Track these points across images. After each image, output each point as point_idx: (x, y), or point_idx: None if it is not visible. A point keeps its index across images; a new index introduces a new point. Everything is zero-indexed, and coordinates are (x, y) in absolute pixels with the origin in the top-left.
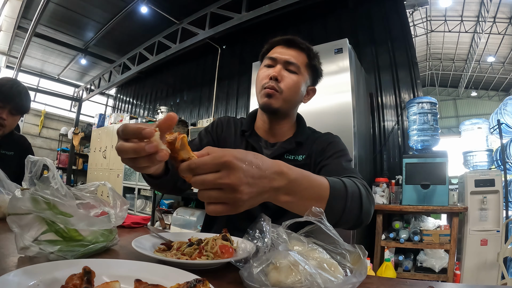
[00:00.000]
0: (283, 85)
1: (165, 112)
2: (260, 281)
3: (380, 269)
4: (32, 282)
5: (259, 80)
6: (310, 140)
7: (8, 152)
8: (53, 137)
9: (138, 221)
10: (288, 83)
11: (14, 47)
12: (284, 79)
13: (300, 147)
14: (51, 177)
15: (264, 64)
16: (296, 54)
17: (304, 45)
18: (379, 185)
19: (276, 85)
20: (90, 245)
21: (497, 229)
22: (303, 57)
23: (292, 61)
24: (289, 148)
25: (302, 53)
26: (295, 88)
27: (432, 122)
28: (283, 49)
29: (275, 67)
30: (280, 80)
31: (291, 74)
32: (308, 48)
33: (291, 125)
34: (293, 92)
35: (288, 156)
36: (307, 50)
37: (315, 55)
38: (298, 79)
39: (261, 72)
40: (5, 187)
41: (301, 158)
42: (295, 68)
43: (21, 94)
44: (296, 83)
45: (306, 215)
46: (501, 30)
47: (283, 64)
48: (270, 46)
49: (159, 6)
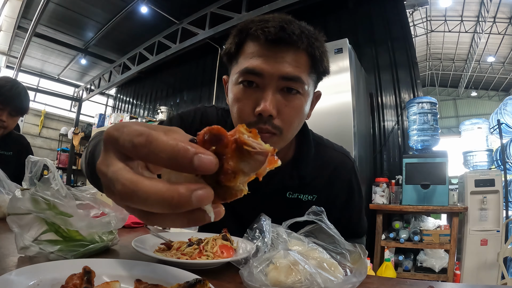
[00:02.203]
0: (283, 122)
1: (165, 112)
2: (260, 281)
3: (380, 269)
4: (32, 282)
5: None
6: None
7: (7, 152)
8: (53, 137)
9: (138, 221)
10: (289, 117)
11: (14, 47)
12: (283, 111)
13: (305, 180)
14: (52, 178)
15: (240, 80)
16: (293, 59)
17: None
18: (379, 185)
19: (271, 124)
20: (90, 245)
21: (497, 229)
22: (305, 61)
23: (292, 74)
24: (291, 184)
25: (303, 53)
26: (300, 118)
27: (432, 122)
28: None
29: (265, 91)
30: (277, 115)
31: (290, 97)
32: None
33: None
34: (297, 125)
35: (291, 195)
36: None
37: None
38: (302, 103)
39: (239, 96)
40: (5, 187)
41: (306, 198)
42: (297, 85)
43: (20, 95)
44: (300, 111)
45: (306, 214)
46: (501, 30)
47: (276, 83)
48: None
49: (159, 6)
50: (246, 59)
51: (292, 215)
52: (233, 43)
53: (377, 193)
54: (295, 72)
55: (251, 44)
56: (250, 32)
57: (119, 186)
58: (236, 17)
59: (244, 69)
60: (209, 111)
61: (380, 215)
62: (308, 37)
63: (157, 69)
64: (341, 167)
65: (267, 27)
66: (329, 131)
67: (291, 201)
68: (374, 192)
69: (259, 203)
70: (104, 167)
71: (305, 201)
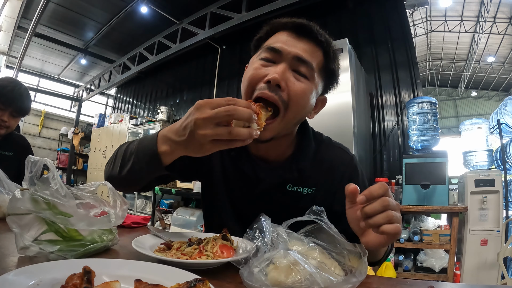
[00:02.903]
0: (289, 97)
1: (165, 112)
2: (260, 281)
3: (380, 269)
4: (32, 282)
5: (250, 79)
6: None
7: (8, 153)
8: (53, 137)
9: (138, 221)
10: (296, 93)
11: (14, 47)
12: (290, 85)
13: (304, 174)
14: (51, 177)
15: (259, 56)
16: (310, 49)
17: (323, 36)
18: None
19: (278, 94)
20: (90, 245)
21: (497, 229)
22: (319, 55)
23: (305, 58)
24: (290, 177)
25: (319, 49)
26: (304, 100)
27: (432, 122)
28: (292, 38)
29: (278, 65)
30: (285, 87)
31: (300, 78)
32: (328, 42)
33: (291, 139)
34: (300, 107)
35: (291, 188)
36: (327, 46)
37: (335, 54)
38: (309, 88)
39: (255, 67)
40: (5, 187)
41: (306, 191)
42: (307, 71)
43: (22, 96)
44: (306, 93)
45: (307, 214)
46: (501, 30)
47: (290, 62)
48: (271, 29)
49: (159, 6)
50: (272, 41)
51: (292, 207)
52: (265, 31)
53: None
54: (308, 57)
55: (279, 33)
56: (281, 22)
57: (222, 110)
58: (236, 17)
59: (267, 46)
60: None
61: None
62: (327, 40)
63: (157, 69)
64: (339, 161)
65: (295, 20)
66: (329, 131)
67: (291, 194)
68: None
69: (260, 196)
70: (181, 123)
71: (304, 194)
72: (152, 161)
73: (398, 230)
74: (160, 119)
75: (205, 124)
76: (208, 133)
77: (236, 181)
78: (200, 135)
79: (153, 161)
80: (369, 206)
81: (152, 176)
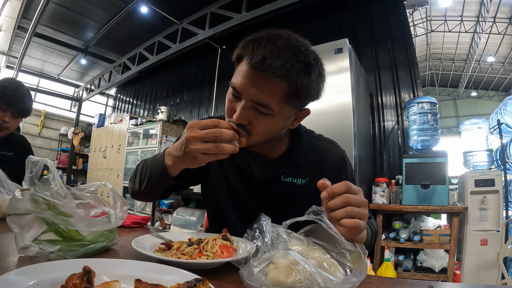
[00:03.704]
0: (252, 130)
1: (165, 112)
2: (260, 281)
3: (380, 269)
4: (32, 282)
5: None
6: (309, 159)
7: (8, 153)
8: (53, 137)
9: (138, 221)
10: (257, 131)
11: (14, 47)
12: (252, 123)
13: (297, 167)
14: (51, 178)
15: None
16: (269, 87)
17: (283, 69)
18: (379, 185)
19: (244, 128)
20: (90, 245)
21: (497, 229)
22: (281, 89)
23: (260, 101)
24: (285, 170)
25: (282, 82)
26: (268, 133)
27: (432, 122)
28: (250, 75)
29: (239, 106)
30: (247, 124)
31: (261, 116)
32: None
33: (283, 135)
34: (266, 135)
35: (285, 179)
36: (289, 76)
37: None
38: (273, 122)
39: (227, 99)
40: (5, 187)
41: (300, 182)
42: (266, 110)
43: (24, 97)
44: (268, 128)
45: (306, 214)
46: (501, 30)
47: (249, 103)
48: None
49: (159, 6)
50: (237, 74)
51: (288, 198)
52: (236, 55)
53: (377, 193)
54: (264, 100)
55: (244, 61)
56: (244, 52)
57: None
58: (236, 17)
59: (231, 83)
60: None
61: (380, 215)
62: (291, 69)
63: (157, 69)
64: (330, 153)
65: (254, 54)
66: (329, 131)
67: (286, 185)
68: (374, 192)
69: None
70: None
71: (299, 185)
72: (162, 174)
73: (355, 224)
74: (160, 119)
75: (195, 141)
76: (198, 147)
77: (234, 176)
78: (192, 149)
79: (163, 174)
80: (331, 201)
81: (164, 186)
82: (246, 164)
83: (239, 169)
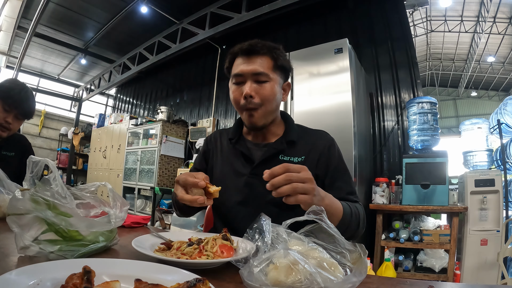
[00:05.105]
0: (260, 99)
1: (165, 112)
2: (260, 281)
3: (380, 269)
4: (32, 282)
5: (234, 100)
6: (304, 140)
7: (9, 153)
8: (53, 137)
9: (138, 220)
10: (264, 95)
11: (14, 47)
12: (259, 92)
13: (293, 148)
14: (52, 178)
15: (232, 81)
16: (260, 61)
17: (264, 48)
18: (379, 185)
19: (253, 103)
20: (90, 245)
21: (497, 229)
22: (268, 61)
23: (259, 71)
24: (281, 148)
25: (266, 57)
26: (272, 96)
27: (432, 122)
28: (245, 60)
29: (246, 84)
30: (255, 95)
31: (263, 84)
32: (269, 49)
33: (278, 123)
34: (271, 100)
35: (283, 157)
36: (270, 52)
37: (279, 54)
38: (272, 86)
39: (233, 90)
40: (5, 187)
41: (297, 160)
42: (265, 77)
43: (28, 99)
44: (271, 92)
45: (306, 213)
46: (501, 30)
47: (252, 77)
48: (231, 58)
49: (159, 6)
50: (235, 67)
51: None
52: (228, 61)
53: (377, 193)
54: (261, 69)
55: (237, 59)
56: (235, 51)
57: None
58: (236, 17)
59: (233, 74)
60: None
61: (380, 215)
62: (268, 47)
63: (157, 69)
64: (321, 136)
65: (243, 46)
66: (329, 131)
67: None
68: (374, 192)
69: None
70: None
71: (296, 163)
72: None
73: (301, 200)
74: (160, 119)
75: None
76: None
77: (237, 161)
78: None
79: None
80: (274, 179)
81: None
82: (247, 149)
83: (241, 154)
